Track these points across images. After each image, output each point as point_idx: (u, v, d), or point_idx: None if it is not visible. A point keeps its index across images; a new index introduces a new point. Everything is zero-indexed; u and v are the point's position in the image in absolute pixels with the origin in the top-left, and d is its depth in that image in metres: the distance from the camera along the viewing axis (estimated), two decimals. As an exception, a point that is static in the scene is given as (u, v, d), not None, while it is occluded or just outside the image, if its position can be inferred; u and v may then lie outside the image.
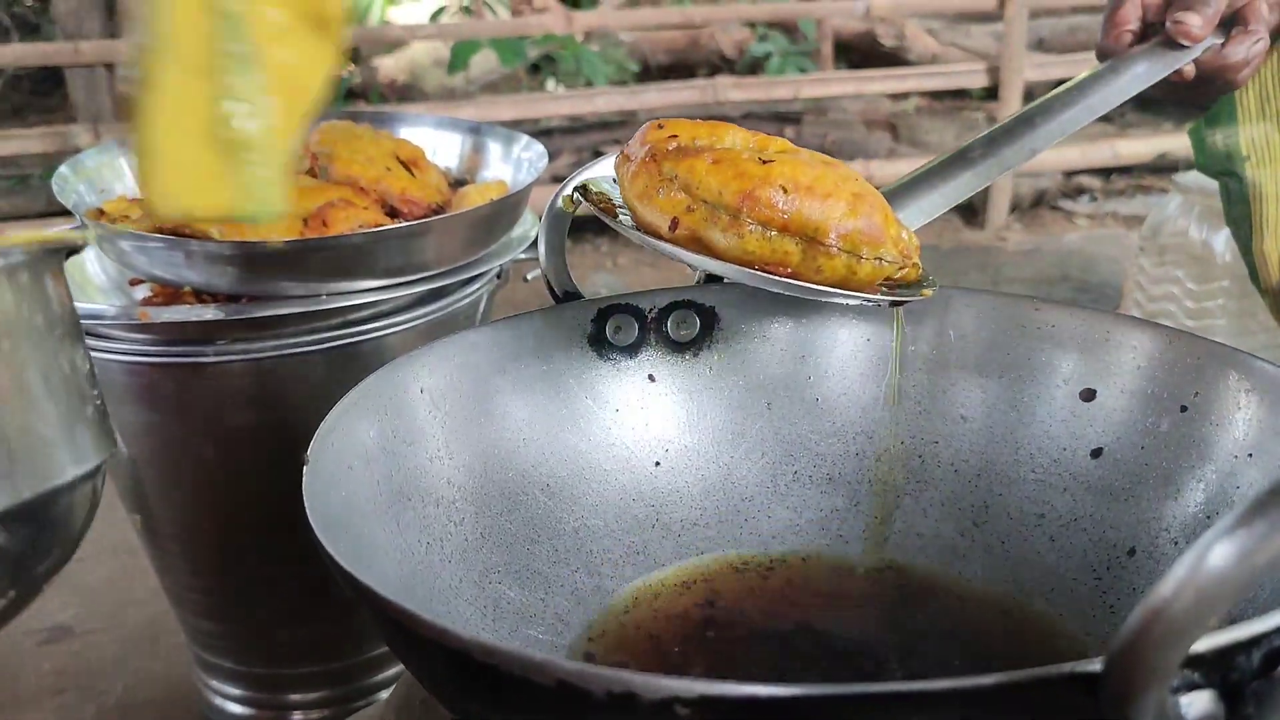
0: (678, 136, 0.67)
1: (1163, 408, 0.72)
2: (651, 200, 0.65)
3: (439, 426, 0.72)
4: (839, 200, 0.64)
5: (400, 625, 0.45)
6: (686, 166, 0.64)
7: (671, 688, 0.38)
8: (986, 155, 0.78)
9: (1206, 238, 1.88)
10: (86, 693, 1.40)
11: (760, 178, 0.63)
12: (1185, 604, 0.33)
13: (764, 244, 0.63)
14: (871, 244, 0.64)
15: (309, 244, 1.04)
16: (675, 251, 0.65)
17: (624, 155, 0.70)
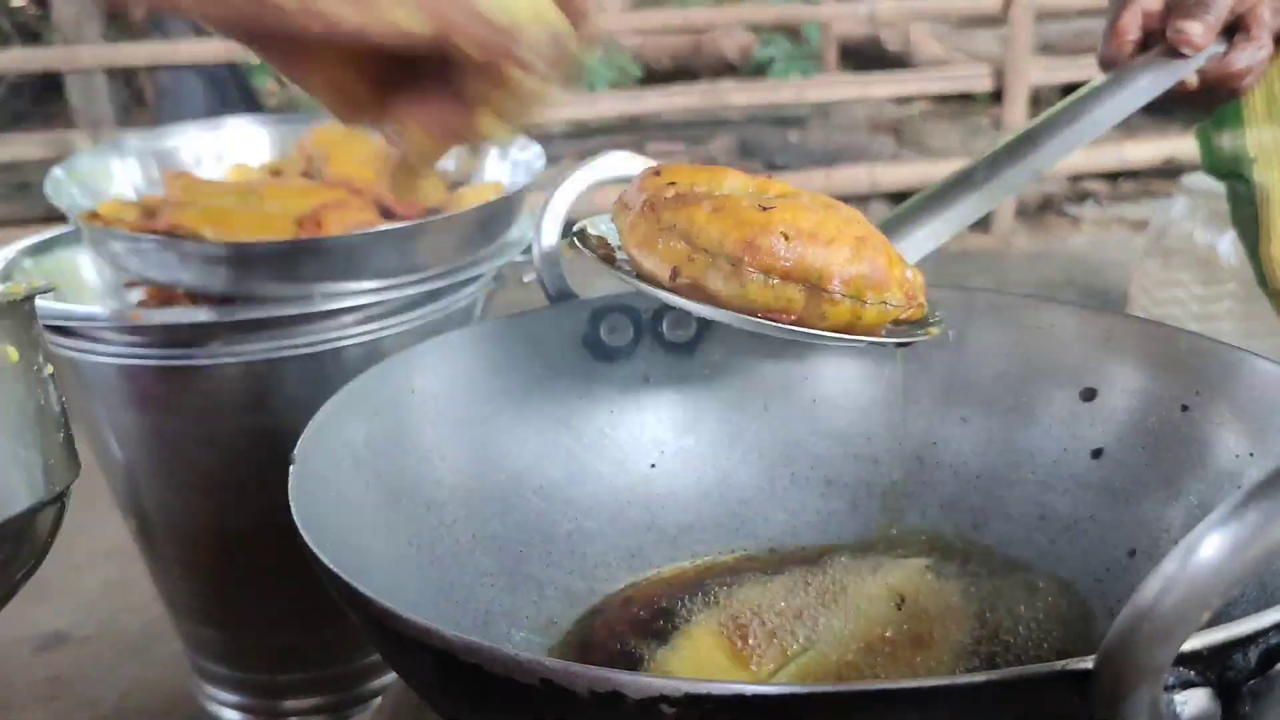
0: (676, 184, 0.66)
1: (1164, 407, 0.71)
2: (651, 250, 0.64)
3: (430, 427, 0.71)
4: (842, 245, 0.62)
5: (385, 626, 0.44)
6: (686, 215, 0.63)
7: (657, 686, 0.37)
8: (990, 177, 0.76)
9: (1212, 241, 1.87)
10: (81, 699, 1.39)
11: (761, 225, 0.61)
12: (1176, 599, 0.32)
13: (767, 292, 0.61)
14: (876, 289, 0.63)
15: (302, 245, 1.04)
16: (676, 300, 0.63)
17: (621, 203, 0.68)
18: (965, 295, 0.79)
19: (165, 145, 1.24)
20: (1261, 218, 1.05)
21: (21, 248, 1.16)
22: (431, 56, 0.46)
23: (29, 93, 4.79)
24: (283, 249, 1.04)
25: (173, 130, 1.26)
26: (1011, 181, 0.76)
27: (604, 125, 3.83)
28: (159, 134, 1.26)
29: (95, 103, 3.05)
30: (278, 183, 1.15)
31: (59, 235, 1.19)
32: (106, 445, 1.14)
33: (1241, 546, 0.31)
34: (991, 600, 0.70)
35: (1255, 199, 1.06)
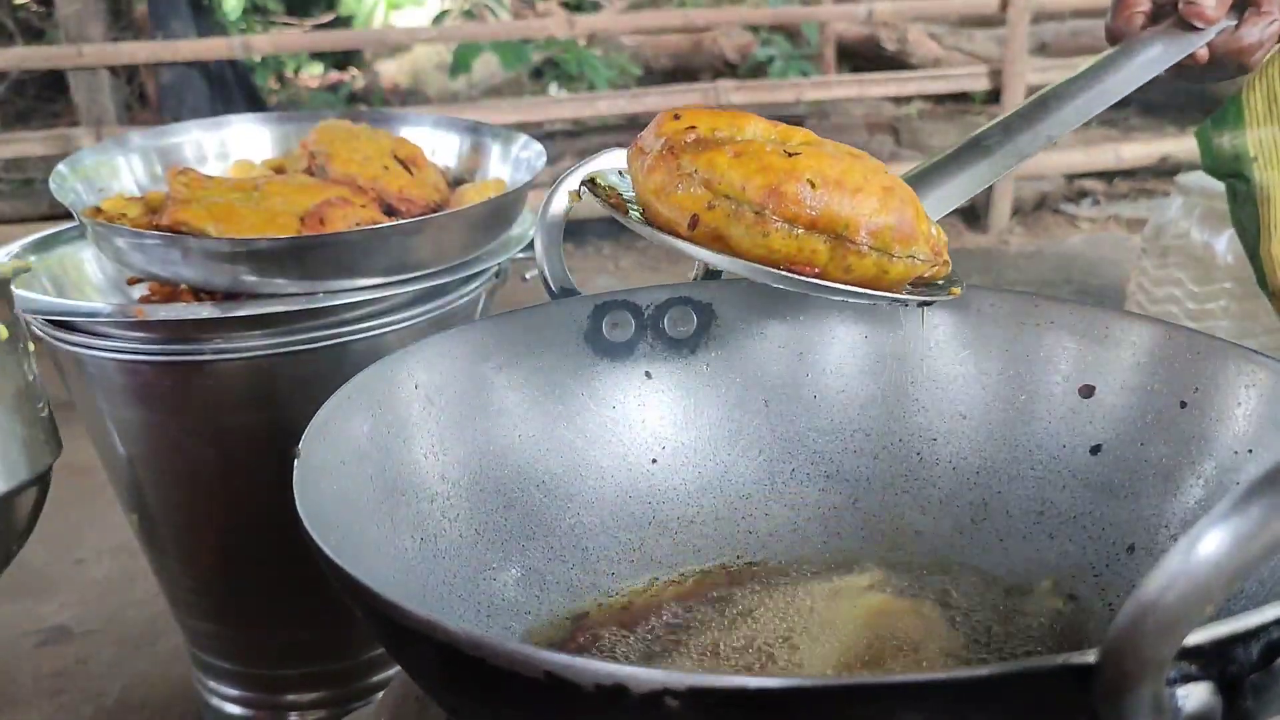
0: (696, 127, 0.64)
1: (1162, 403, 0.71)
2: (669, 196, 0.62)
3: (433, 422, 0.72)
4: (869, 195, 0.60)
5: (389, 619, 0.45)
6: (707, 160, 0.61)
7: (661, 679, 0.38)
8: (1003, 143, 0.76)
9: (1208, 239, 1.87)
10: (84, 694, 1.40)
11: (786, 171, 0.60)
12: (1178, 594, 0.33)
13: (790, 242, 0.60)
14: (904, 241, 0.61)
15: (305, 241, 1.04)
16: (694, 250, 0.61)
17: (638, 147, 0.66)
18: (967, 292, 0.80)
19: (169, 142, 1.24)
20: (1262, 217, 1.05)
21: (25, 243, 1.17)
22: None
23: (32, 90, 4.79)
24: (285, 246, 1.04)
25: (176, 127, 1.27)
26: (1023, 147, 0.76)
27: (603, 124, 3.83)
28: (162, 131, 1.26)
29: (98, 100, 3.05)
30: (281, 180, 1.15)
31: (62, 231, 1.19)
32: (109, 441, 1.15)
33: (1245, 541, 0.32)
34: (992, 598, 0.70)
35: (1256, 198, 1.06)
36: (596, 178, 0.72)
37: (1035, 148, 0.77)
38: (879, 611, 0.71)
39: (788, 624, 0.69)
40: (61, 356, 1.11)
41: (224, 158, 1.28)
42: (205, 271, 1.04)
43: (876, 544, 0.78)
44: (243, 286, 1.05)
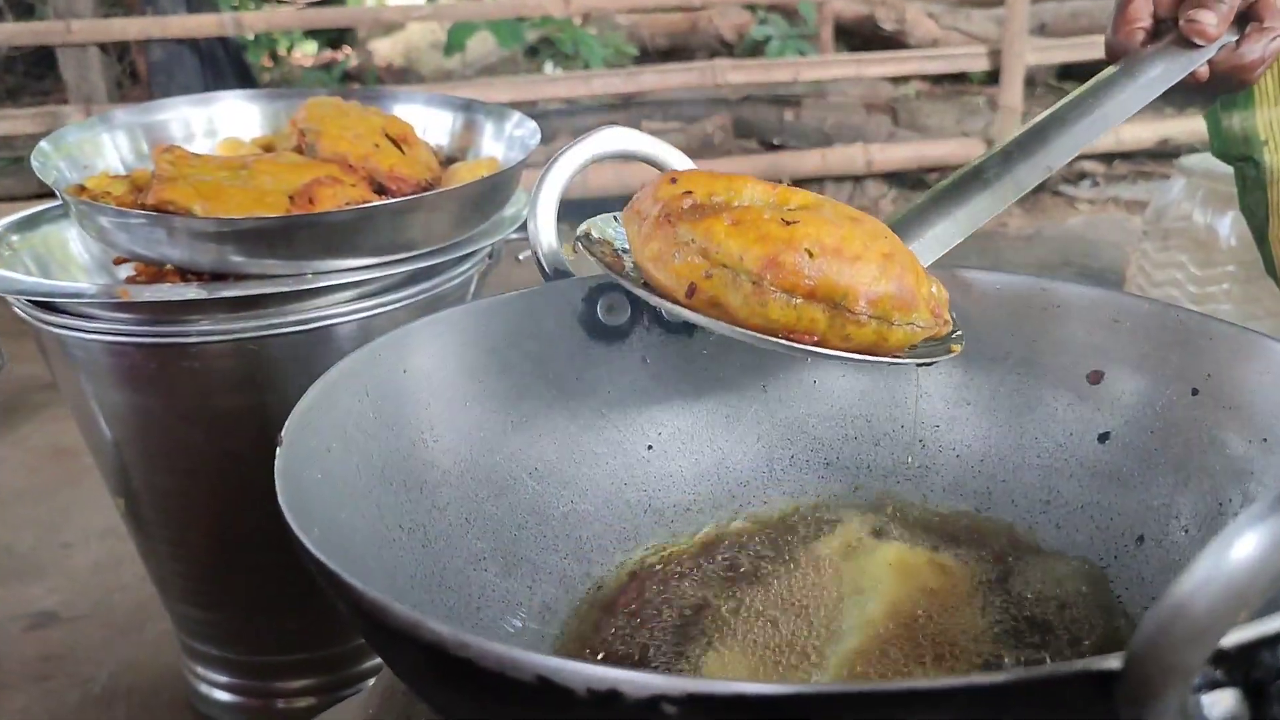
0: (693, 193, 0.63)
1: (1173, 390, 0.69)
2: (667, 265, 0.61)
3: (423, 408, 0.70)
4: (868, 263, 0.59)
5: (372, 616, 0.43)
6: (704, 229, 0.60)
7: (658, 685, 0.36)
8: (1002, 175, 0.74)
9: (1211, 222, 1.85)
10: (71, 679, 1.38)
11: (784, 241, 0.59)
12: (1210, 599, 0.31)
13: (788, 311, 0.59)
14: (903, 309, 0.60)
15: (294, 221, 1.02)
16: (691, 316, 0.61)
17: (634, 210, 0.65)
18: (971, 274, 0.78)
19: (155, 119, 1.22)
20: (1271, 201, 1.03)
21: (8, 223, 1.14)
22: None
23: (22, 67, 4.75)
24: (274, 225, 1.01)
25: (163, 104, 1.24)
26: (1023, 178, 0.74)
27: (599, 103, 3.80)
28: (149, 107, 1.23)
29: (88, 78, 3.02)
30: (269, 158, 1.12)
31: (46, 210, 1.17)
32: (94, 424, 1.13)
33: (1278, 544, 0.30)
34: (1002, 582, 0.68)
35: (1265, 182, 1.04)
36: (590, 229, 0.70)
37: (1034, 179, 0.75)
38: (900, 565, 0.69)
39: (813, 592, 0.67)
40: (45, 338, 1.08)
41: (212, 135, 1.25)
42: (191, 251, 1.01)
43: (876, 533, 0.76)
44: (230, 267, 1.02)
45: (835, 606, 0.67)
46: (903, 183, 3.55)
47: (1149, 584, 0.65)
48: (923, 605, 0.65)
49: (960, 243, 0.74)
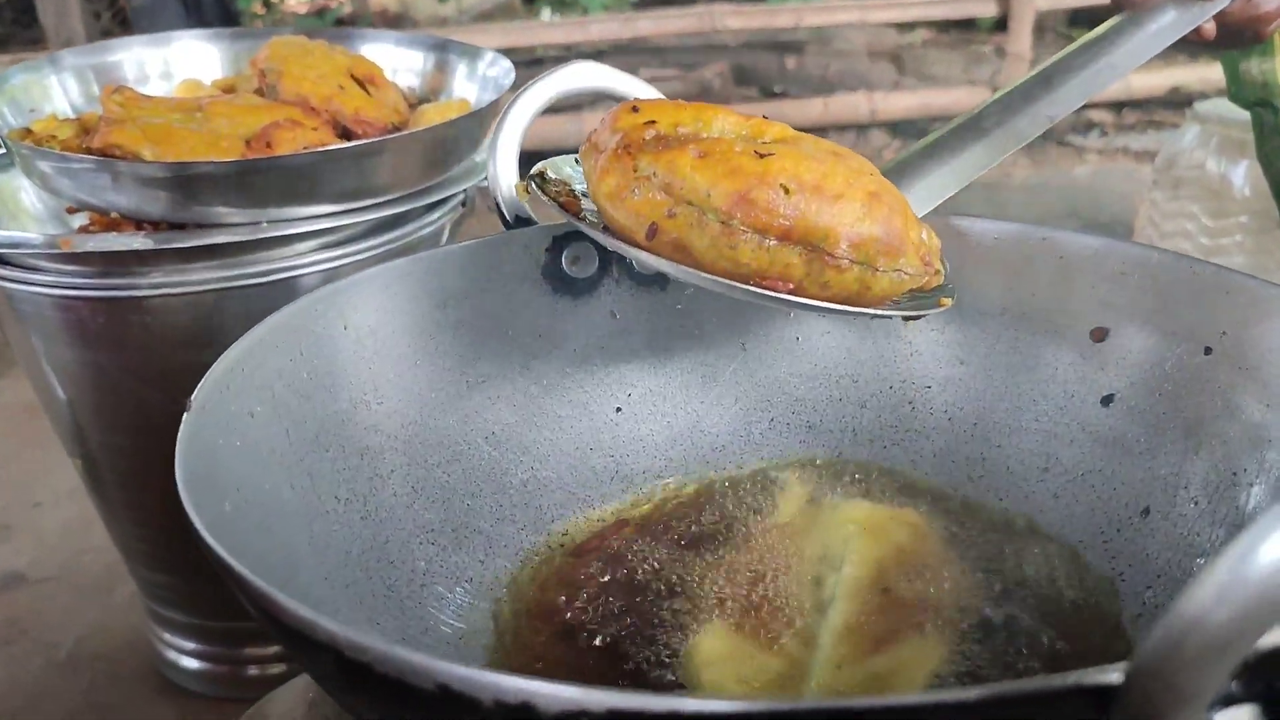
0: (656, 123, 0.56)
1: (1184, 349, 0.63)
2: (625, 202, 0.55)
3: (366, 368, 0.64)
4: (852, 201, 0.53)
5: (266, 611, 0.37)
6: (667, 161, 0.54)
7: (575, 699, 0.31)
8: (1001, 123, 0.68)
9: (1224, 170, 1.78)
10: (36, 644, 1.33)
11: (757, 175, 0.52)
12: (1231, 612, 0.25)
13: (761, 255, 0.53)
14: (890, 254, 0.54)
15: (249, 165, 0.95)
16: (653, 261, 0.54)
17: (591, 144, 0.59)
18: (966, 223, 0.72)
19: (106, 60, 1.15)
20: (1291, 147, 0.97)
21: (-50, 170, 1.08)
22: None
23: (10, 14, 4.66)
24: (228, 170, 0.95)
25: (115, 43, 1.17)
26: (1023, 129, 0.68)
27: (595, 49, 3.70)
28: (100, 48, 1.16)
29: (67, 22, 2.93)
30: (226, 99, 1.06)
31: (-7, 156, 1.10)
32: (46, 382, 1.07)
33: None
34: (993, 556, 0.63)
35: (1285, 128, 0.98)
36: (547, 170, 0.63)
37: (1035, 129, 0.69)
38: (868, 525, 0.65)
39: (784, 561, 0.62)
40: (-9, 291, 1.03)
41: (168, 78, 1.18)
42: (139, 199, 0.95)
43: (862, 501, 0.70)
44: (182, 215, 0.96)
45: (811, 575, 0.61)
46: (907, 132, 3.46)
47: (1154, 560, 0.60)
48: (899, 567, 0.61)
49: (958, 193, 0.68)
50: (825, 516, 0.66)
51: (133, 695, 1.27)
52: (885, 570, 0.62)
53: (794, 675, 0.55)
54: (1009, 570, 0.63)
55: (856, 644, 0.57)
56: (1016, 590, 0.60)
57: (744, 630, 0.58)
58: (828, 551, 0.63)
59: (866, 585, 0.61)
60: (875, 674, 0.56)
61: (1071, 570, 0.62)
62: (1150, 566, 0.59)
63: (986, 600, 0.60)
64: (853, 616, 0.59)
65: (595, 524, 0.69)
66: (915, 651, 0.58)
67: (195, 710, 1.25)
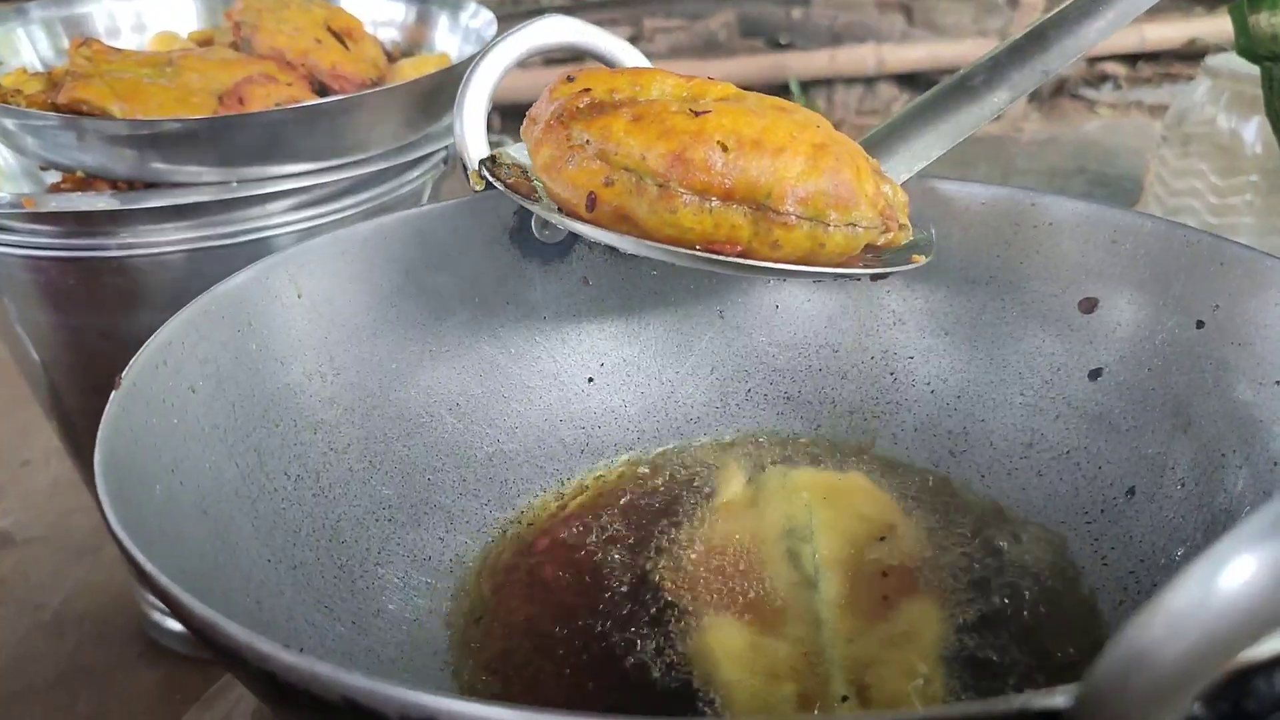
0: (591, 90, 0.54)
1: (1175, 322, 0.61)
2: (562, 173, 0.53)
3: (321, 338, 0.62)
4: (795, 155, 0.50)
5: (175, 611, 0.35)
6: (600, 127, 0.52)
7: (484, 717, 0.28)
8: (991, 82, 0.65)
9: (1236, 127, 1.73)
10: (22, 605, 1.33)
11: (692, 134, 0.50)
12: (1187, 645, 0.23)
13: (704, 218, 0.50)
14: (840, 207, 0.51)
15: (221, 123, 0.92)
16: (595, 234, 0.52)
17: (530, 118, 0.57)
18: (952, 187, 0.69)
19: (76, 11, 1.12)
20: (1300, 103, 0.93)
21: (-80, 125, 1.05)
22: None
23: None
24: (198, 128, 0.92)
25: (85, -7, 1.14)
26: (1017, 84, 0.65)
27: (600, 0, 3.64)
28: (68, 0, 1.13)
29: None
30: (198, 54, 1.03)
31: (-39, 111, 1.07)
32: (21, 345, 1.05)
33: (1284, 575, 0.21)
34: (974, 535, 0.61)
35: (1292, 82, 0.94)
36: (499, 155, 0.60)
37: (1031, 83, 0.65)
38: (821, 492, 0.64)
39: (740, 533, 0.61)
40: (-39, 251, 1.00)
41: (141, 30, 1.15)
42: (107, 157, 0.93)
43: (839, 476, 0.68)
44: (151, 174, 0.94)
45: (783, 550, 0.59)
46: (915, 85, 3.40)
47: (1138, 543, 0.57)
48: (867, 533, 0.60)
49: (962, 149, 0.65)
50: (773, 488, 0.63)
51: (119, 656, 1.27)
52: (856, 537, 0.61)
53: (811, 657, 0.53)
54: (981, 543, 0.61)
55: (858, 615, 0.55)
56: (992, 560, 0.59)
57: (745, 619, 0.55)
58: (792, 524, 0.61)
59: (843, 554, 0.59)
60: (888, 640, 0.54)
61: (1044, 540, 0.60)
62: (1134, 550, 0.57)
63: (964, 556, 0.58)
64: (843, 587, 0.57)
65: (560, 499, 0.67)
66: (915, 614, 0.57)
67: (181, 672, 1.24)
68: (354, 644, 0.52)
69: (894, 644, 0.54)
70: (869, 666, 0.52)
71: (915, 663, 0.52)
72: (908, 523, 0.62)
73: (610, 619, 0.56)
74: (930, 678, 0.51)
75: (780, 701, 0.49)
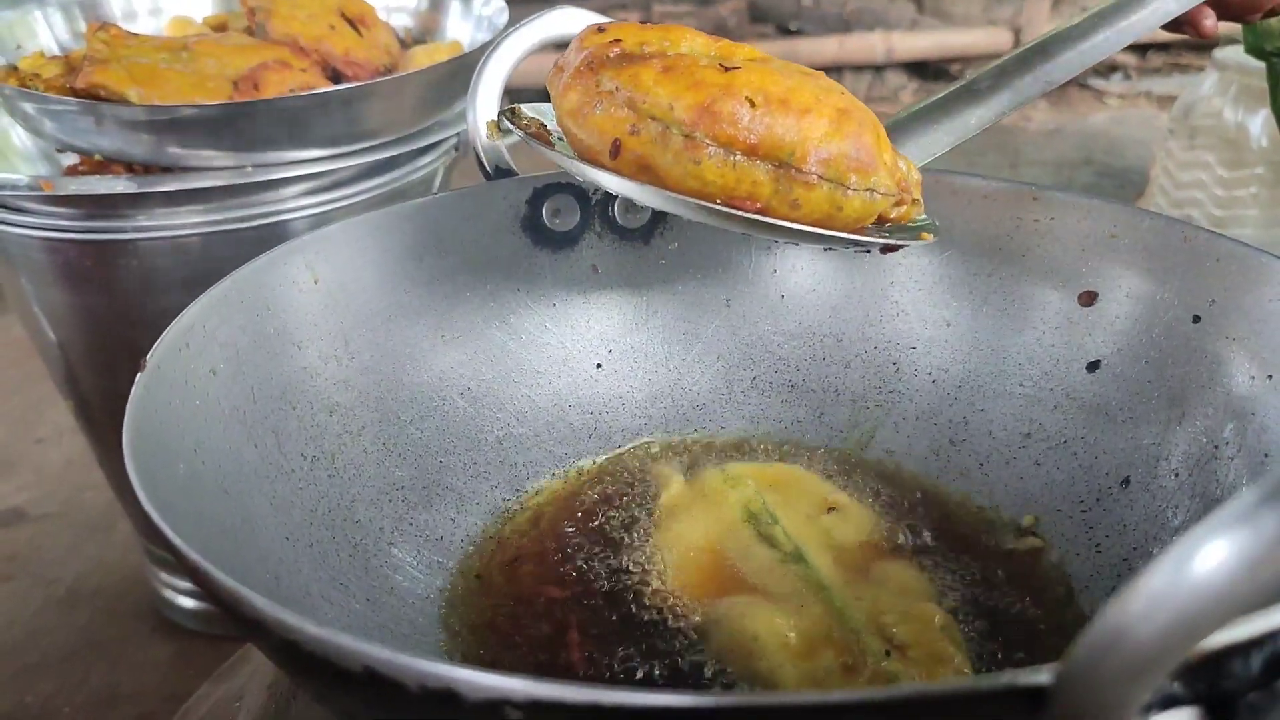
0: (621, 41, 0.55)
1: (1172, 316, 0.62)
2: (587, 119, 0.53)
3: (336, 321, 0.63)
4: (820, 116, 0.51)
5: (202, 584, 0.37)
6: (630, 75, 0.52)
7: (498, 687, 0.30)
8: (996, 87, 0.66)
9: (1242, 120, 1.74)
10: (36, 580, 1.35)
11: (721, 87, 0.51)
12: (1160, 626, 0.24)
13: (726, 171, 0.51)
14: (861, 171, 0.52)
15: (234, 109, 0.94)
16: (617, 183, 0.53)
17: (558, 67, 0.57)
18: (956, 181, 0.70)
19: (93, -6, 1.13)
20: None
21: (-61, 107, 1.07)
22: None
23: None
24: (214, 114, 0.94)
25: (101, -23, 1.15)
26: (1021, 91, 0.66)
27: (610, -16, 3.64)
28: (86, -18, 1.14)
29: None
30: (214, 39, 1.04)
31: (-20, 94, 1.09)
32: (38, 325, 1.07)
33: (1255, 561, 0.23)
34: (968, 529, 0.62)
35: (1299, 80, 0.95)
36: (518, 108, 0.62)
37: (1034, 91, 0.67)
38: (765, 481, 0.66)
39: (701, 529, 0.62)
40: (-20, 231, 1.02)
41: (157, 14, 1.16)
42: (124, 142, 0.94)
43: (842, 463, 0.70)
44: (167, 159, 0.95)
45: (754, 535, 0.61)
46: (925, 73, 3.40)
47: (1132, 531, 0.59)
48: (822, 511, 0.63)
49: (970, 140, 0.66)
50: (714, 483, 0.65)
51: (131, 632, 1.29)
52: (813, 516, 0.63)
53: (832, 624, 0.54)
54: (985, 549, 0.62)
55: (853, 578, 0.58)
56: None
57: (754, 603, 0.57)
58: (751, 511, 0.62)
59: (811, 531, 0.61)
60: (894, 594, 0.56)
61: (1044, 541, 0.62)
62: (1128, 539, 0.58)
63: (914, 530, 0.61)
64: (827, 556, 0.59)
65: (567, 482, 0.68)
66: (901, 575, 0.59)
67: (193, 648, 1.26)
68: (368, 619, 0.54)
69: (903, 595, 0.56)
70: (892, 625, 0.53)
71: (931, 613, 0.54)
72: (848, 499, 0.64)
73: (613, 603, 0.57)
74: (947, 624, 0.53)
75: (828, 673, 0.51)
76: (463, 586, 0.60)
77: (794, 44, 3.31)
